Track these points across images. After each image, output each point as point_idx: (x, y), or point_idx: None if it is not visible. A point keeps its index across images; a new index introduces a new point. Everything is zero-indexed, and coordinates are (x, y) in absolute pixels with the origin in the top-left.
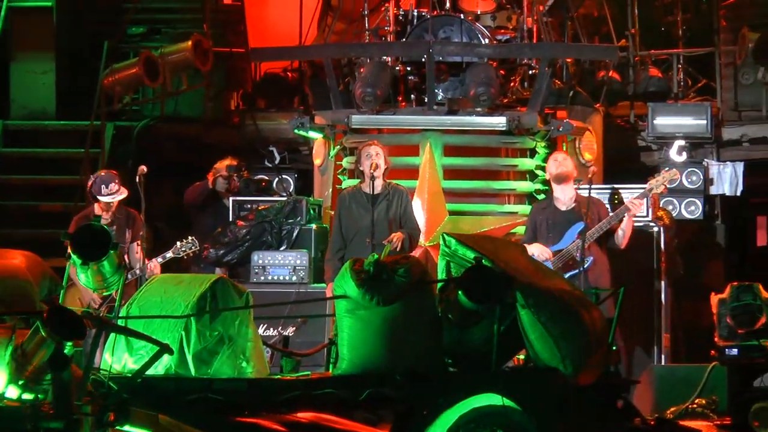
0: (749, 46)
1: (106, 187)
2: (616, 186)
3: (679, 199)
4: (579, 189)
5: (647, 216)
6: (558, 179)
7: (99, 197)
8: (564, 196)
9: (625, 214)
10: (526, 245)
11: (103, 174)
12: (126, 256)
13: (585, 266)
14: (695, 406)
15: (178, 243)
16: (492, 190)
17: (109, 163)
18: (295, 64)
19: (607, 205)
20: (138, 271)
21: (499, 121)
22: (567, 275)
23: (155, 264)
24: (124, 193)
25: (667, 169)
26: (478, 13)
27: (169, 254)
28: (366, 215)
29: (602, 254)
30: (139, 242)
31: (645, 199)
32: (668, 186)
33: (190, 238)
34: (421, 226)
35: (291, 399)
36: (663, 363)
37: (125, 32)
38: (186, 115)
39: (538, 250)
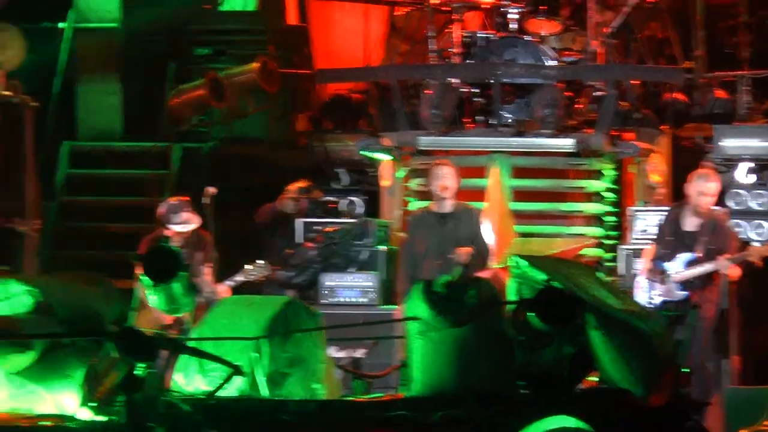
0: None
1: (177, 216)
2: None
3: (746, 221)
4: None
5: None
6: (695, 212)
7: (170, 226)
8: (695, 215)
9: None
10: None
11: (174, 202)
12: (196, 279)
13: (678, 298)
14: (765, 428)
15: (248, 266)
16: (560, 211)
17: (177, 184)
18: (361, 85)
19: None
20: (207, 294)
21: (566, 143)
22: (660, 300)
23: (224, 287)
24: (195, 222)
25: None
26: (544, 34)
27: (240, 277)
28: (435, 236)
29: (709, 287)
30: (209, 264)
31: (741, 265)
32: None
33: (260, 261)
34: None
35: (362, 421)
36: (733, 385)
37: (191, 53)
38: (253, 137)
39: (643, 263)
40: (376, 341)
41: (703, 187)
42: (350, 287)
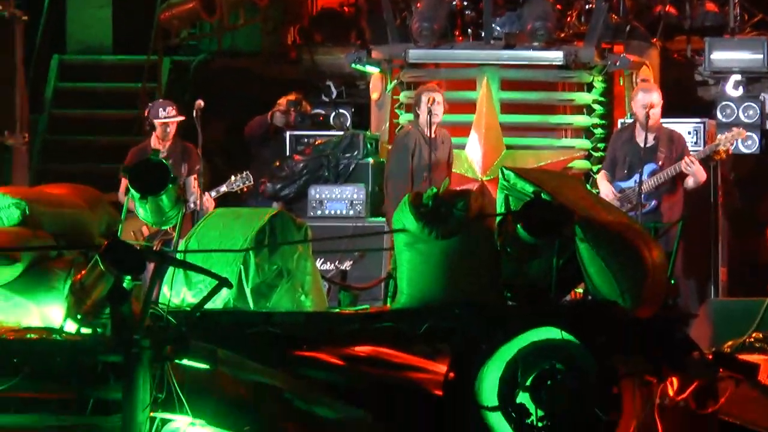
0: None
1: (164, 110)
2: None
3: None
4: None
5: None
6: (641, 126)
7: (157, 120)
8: (648, 131)
9: (683, 169)
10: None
11: (160, 101)
12: (182, 190)
13: (645, 209)
14: (752, 340)
15: (232, 177)
16: (549, 124)
17: (166, 97)
18: None
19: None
20: (193, 205)
21: (556, 56)
22: (630, 214)
23: (208, 198)
24: (181, 117)
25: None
26: None
27: (223, 188)
28: (425, 156)
29: (675, 194)
30: (195, 176)
31: (703, 159)
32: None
33: (244, 172)
34: (478, 160)
35: (349, 332)
36: (720, 297)
37: None
38: (243, 50)
39: (604, 189)
40: (363, 253)
41: (646, 100)
42: (338, 200)
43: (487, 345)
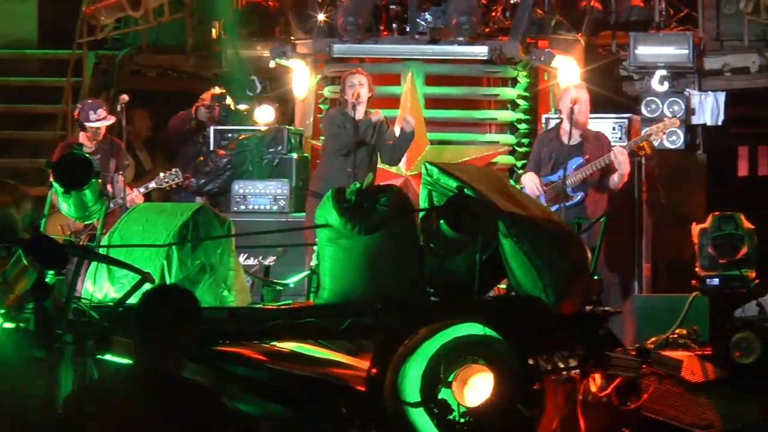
0: None
1: (95, 113)
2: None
3: None
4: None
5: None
6: (573, 126)
7: (88, 124)
8: (574, 129)
9: (611, 161)
10: (523, 174)
11: (89, 101)
12: (109, 186)
13: (570, 202)
14: (676, 336)
15: (162, 174)
16: (473, 119)
17: (91, 92)
18: None
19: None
20: (120, 200)
21: (480, 51)
22: (554, 208)
23: (137, 194)
24: (111, 119)
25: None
26: None
27: (152, 185)
28: (349, 141)
29: (600, 189)
30: (122, 171)
31: (630, 153)
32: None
33: (173, 169)
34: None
35: (272, 328)
36: (644, 293)
37: None
38: (168, 44)
39: (529, 184)
40: (286, 248)
41: (573, 95)
42: (261, 195)
43: (410, 341)
